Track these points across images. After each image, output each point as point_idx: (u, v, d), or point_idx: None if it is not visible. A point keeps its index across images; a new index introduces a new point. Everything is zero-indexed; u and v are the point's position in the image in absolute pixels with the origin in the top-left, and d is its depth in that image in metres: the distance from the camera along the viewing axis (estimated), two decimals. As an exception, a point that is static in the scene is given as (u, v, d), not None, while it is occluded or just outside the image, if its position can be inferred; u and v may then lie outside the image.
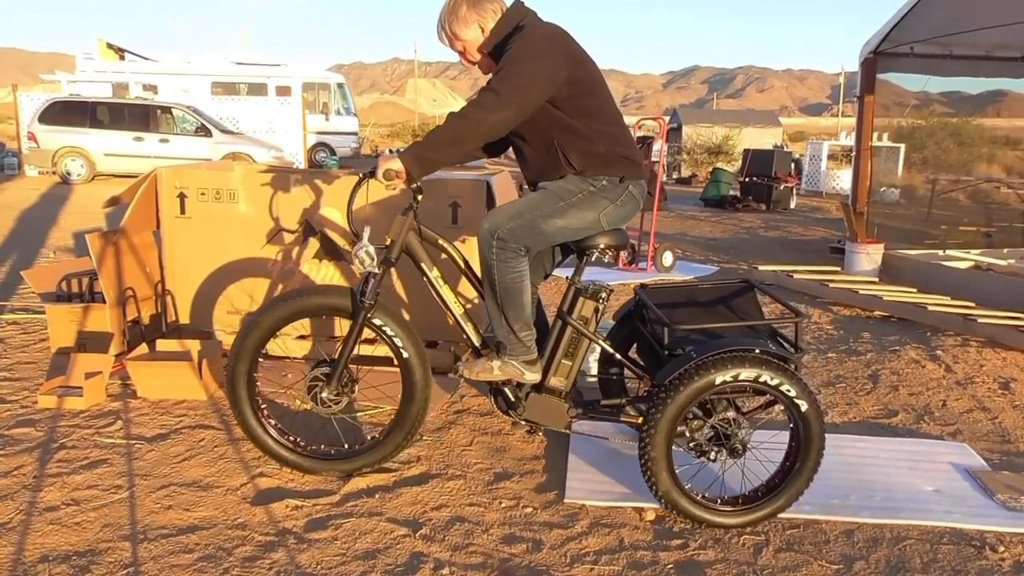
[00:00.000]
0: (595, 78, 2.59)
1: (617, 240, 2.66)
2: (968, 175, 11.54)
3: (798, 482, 2.51)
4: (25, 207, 10.48)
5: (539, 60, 2.41)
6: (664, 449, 2.45)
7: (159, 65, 20.51)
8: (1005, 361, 4.49)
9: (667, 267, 7.18)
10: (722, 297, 2.81)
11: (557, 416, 2.71)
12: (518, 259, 2.57)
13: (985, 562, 2.37)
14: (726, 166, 17.71)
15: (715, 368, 2.39)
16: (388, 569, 2.25)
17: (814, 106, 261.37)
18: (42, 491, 2.62)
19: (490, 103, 2.36)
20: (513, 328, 2.61)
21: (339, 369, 2.67)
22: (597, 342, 2.71)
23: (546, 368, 2.69)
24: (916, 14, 6.79)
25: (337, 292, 2.69)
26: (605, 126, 2.58)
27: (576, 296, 2.66)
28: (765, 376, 2.40)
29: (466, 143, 2.44)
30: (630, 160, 2.62)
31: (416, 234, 2.69)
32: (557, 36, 2.52)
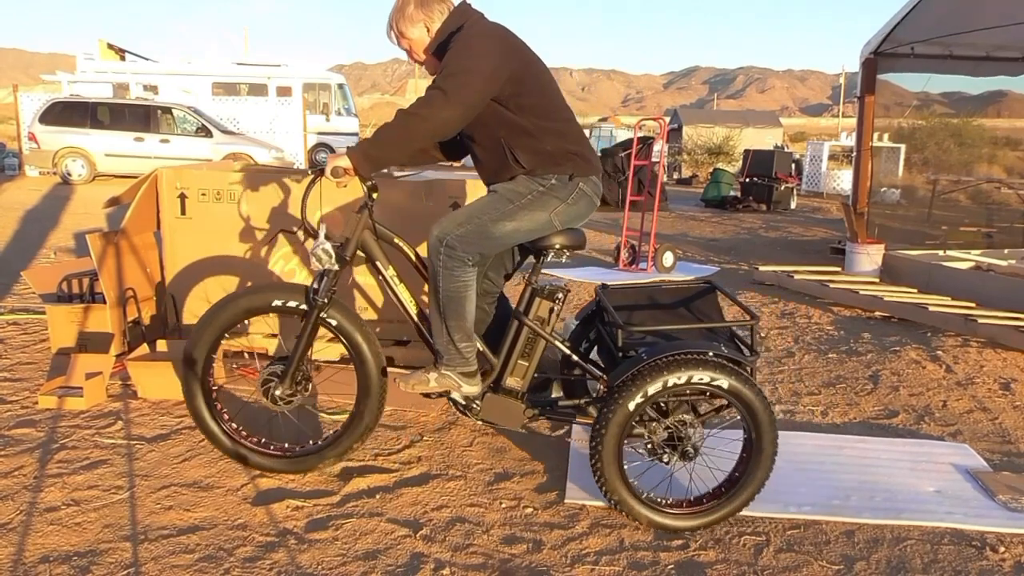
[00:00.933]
0: (540, 75, 2.56)
1: (573, 240, 2.64)
2: (969, 175, 11.54)
3: (751, 485, 2.49)
4: (26, 208, 10.48)
5: (482, 58, 2.39)
6: (614, 450, 2.44)
7: (160, 65, 20.52)
8: (1006, 362, 4.49)
9: (668, 268, 7.18)
10: (683, 299, 2.80)
11: (513, 416, 2.69)
12: (464, 268, 2.54)
13: (986, 563, 2.37)
14: (726, 167, 17.73)
15: (666, 370, 2.38)
16: (388, 569, 2.25)
17: (815, 106, 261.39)
18: (43, 491, 2.62)
19: (437, 101, 2.34)
20: (453, 338, 2.58)
21: (293, 367, 2.66)
22: (553, 342, 2.68)
23: (502, 368, 2.67)
24: (916, 14, 6.79)
25: (290, 290, 2.68)
26: (553, 123, 2.55)
27: (532, 296, 2.65)
28: (717, 379, 2.39)
29: (414, 141, 2.43)
30: (580, 156, 2.58)
31: (371, 232, 2.67)
32: (498, 34, 2.51)
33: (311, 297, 2.62)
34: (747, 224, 11.57)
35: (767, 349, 4.69)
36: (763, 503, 2.67)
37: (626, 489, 2.48)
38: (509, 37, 2.53)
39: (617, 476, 2.46)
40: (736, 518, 2.59)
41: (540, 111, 2.53)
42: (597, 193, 2.65)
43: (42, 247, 7.52)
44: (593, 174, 2.63)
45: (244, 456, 2.77)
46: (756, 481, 2.49)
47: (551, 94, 2.58)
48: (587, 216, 2.66)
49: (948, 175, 11.27)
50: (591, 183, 2.62)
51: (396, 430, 3.23)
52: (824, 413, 3.65)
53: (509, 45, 2.49)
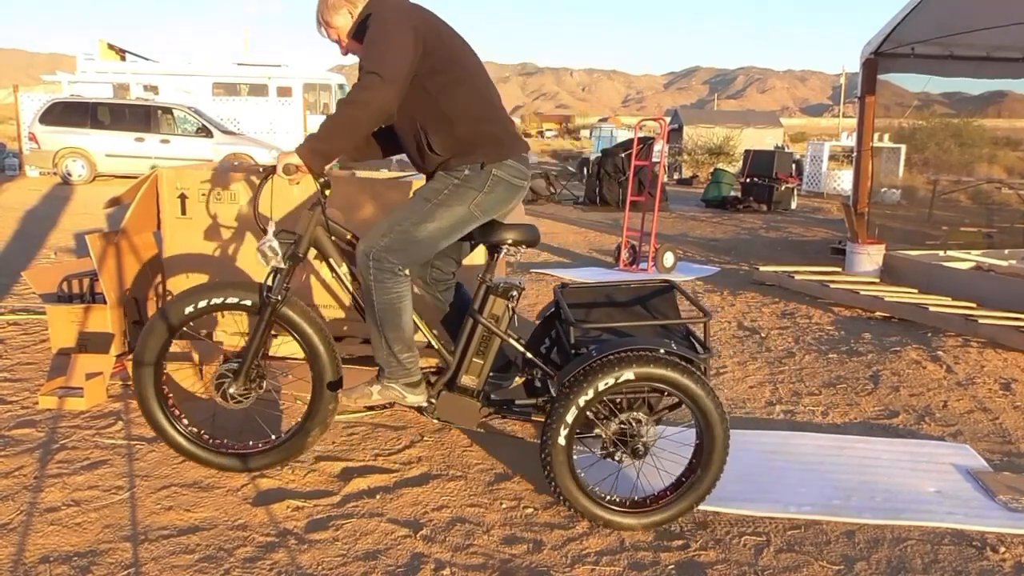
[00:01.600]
0: (456, 51, 2.53)
1: (525, 236, 2.63)
2: (969, 176, 11.54)
3: (703, 483, 2.48)
4: (26, 208, 10.49)
5: (398, 32, 2.39)
6: (564, 448, 2.43)
7: (160, 66, 20.53)
8: (1006, 362, 4.49)
9: (668, 268, 7.18)
10: (640, 297, 2.80)
11: (469, 415, 2.68)
12: (395, 279, 2.52)
13: (986, 563, 2.37)
14: (727, 167, 17.72)
15: (615, 367, 2.38)
16: (389, 570, 2.25)
17: (815, 107, 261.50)
18: (43, 492, 2.62)
19: (372, 83, 2.32)
20: (393, 350, 2.56)
21: (247, 365, 2.65)
22: (508, 340, 2.67)
23: (457, 367, 2.66)
24: (917, 15, 6.78)
25: (243, 287, 2.67)
26: (467, 105, 2.52)
27: (487, 294, 2.63)
28: (666, 376, 2.39)
29: (359, 128, 2.42)
30: (493, 141, 2.54)
31: (324, 229, 2.67)
32: (407, 7, 2.50)
33: (264, 295, 2.61)
34: (747, 224, 11.57)
35: (767, 349, 4.69)
36: (764, 503, 2.68)
37: (576, 487, 2.47)
38: (420, 10, 2.52)
39: (567, 473, 2.45)
40: (736, 518, 2.59)
41: (454, 90, 2.50)
42: (516, 175, 2.59)
43: (42, 247, 7.52)
44: (508, 157, 2.57)
45: (199, 456, 2.76)
46: (708, 479, 2.48)
47: (468, 72, 2.54)
48: (511, 201, 2.63)
49: (948, 175, 11.27)
50: (506, 167, 2.56)
51: (396, 430, 3.23)
52: (824, 413, 3.65)
53: (420, 18, 2.48)
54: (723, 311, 5.71)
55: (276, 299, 2.61)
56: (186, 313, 2.65)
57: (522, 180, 2.63)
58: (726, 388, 3.97)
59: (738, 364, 4.39)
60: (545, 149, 36.15)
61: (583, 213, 12.50)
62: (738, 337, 4.97)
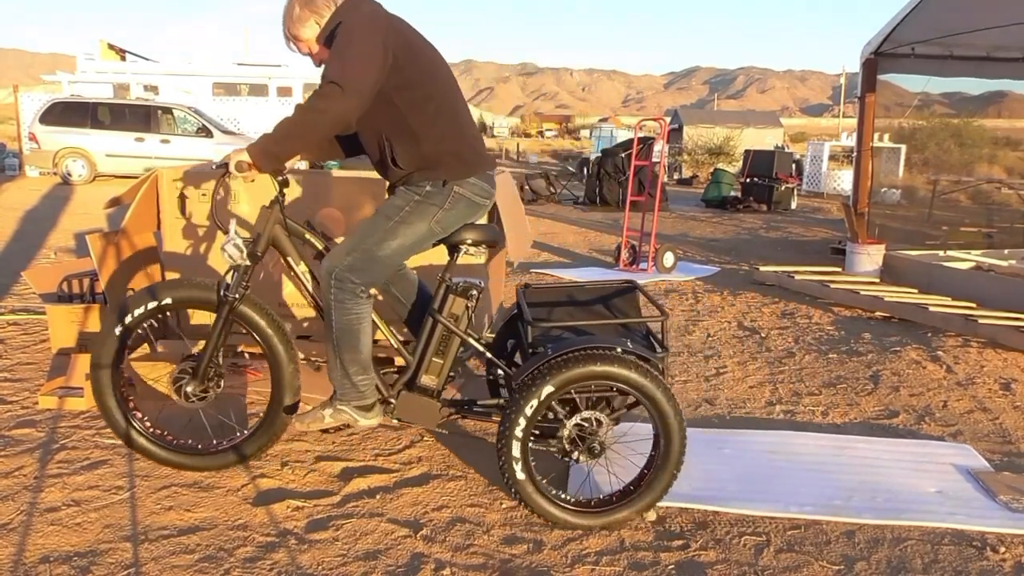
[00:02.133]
0: (427, 66, 2.49)
1: (484, 235, 2.62)
2: (969, 176, 11.54)
3: (660, 482, 2.47)
4: (26, 208, 10.49)
5: (365, 44, 2.34)
6: (520, 447, 2.43)
7: (160, 66, 20.53)
8: (1006, 362, 4.49)
9: (668, 268, 7.18)
10: (602, 297, 2.79)
11: (428, 415, 2.67)
12: (356, 300, 2.51)
13: (986, 563, 2.37)
14: (727, 167, 17.72)
15: (569, 366, 2.37)
16: (389, 570, 2.25)
17: (815, 107, 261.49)
18: (43, 492, 2.62)
19: (333, 93, 2.28)
20: (348, 371, 2.55)
21: (204, 363, 2.65)
22: (467, 340, 2.66)
23: (417, 366, 2.65)
24: (917, 15, 6.78)
25: (200, 286, 2.67)
26: (434, 122, 2.49)
27: (446, 294, 2.63)
28: (620, 374, 2.38)
29: (313, 135, 2.39)
30: (457, 159, 2.53)
31: (282, 227, 2.66)
32: (379, 16, 2.45)
33: (222, 293, 2.61)
34: (747, 224, 11.57)
35: (767, 349, 4.69)
36: (764, 503, 2.68)
37: (532, 485, 2.46)
38: (392, 20, 2.47)
39: (523, 472, 2.45)
40: (736, 518, 2.59)
41: (423, 107, 2.47)
42: (479, 193, 2.58)
43: (42, 247, 7.52)
44: (470, 175, 2.55)
45: (157, 454, 2.76)
46: (665, 478, 2.47)
47: (439, 86, 2.51)
48: (472, 217, 2.62)
49: (948, 175, 11.27)
50: (468, 185, 2.55)
51: (396, 430, 3.23)
52: (825, 413, 3.65)
53: (392, 32, 2.43)
54: (723, 311, 5.71)
55: (234, 297, 2.60)
56: (139, 313, 2.65)
57: (484, 198, 2.61)
58: (726, 388, 3.97)
59: (738, 364, 4.39)
60: (545, 149, 36.15)
61: (583, 213, 12.50)
62: (738, 337, 4.97)
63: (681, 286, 6.64)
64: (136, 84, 19.47)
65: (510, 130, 57.94)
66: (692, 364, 4.37)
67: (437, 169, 2.51)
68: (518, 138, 48.14)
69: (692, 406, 3.69)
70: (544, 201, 13.80)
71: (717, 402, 3.76)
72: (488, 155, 2.66)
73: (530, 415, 2.41)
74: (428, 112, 2.48)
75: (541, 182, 14.07)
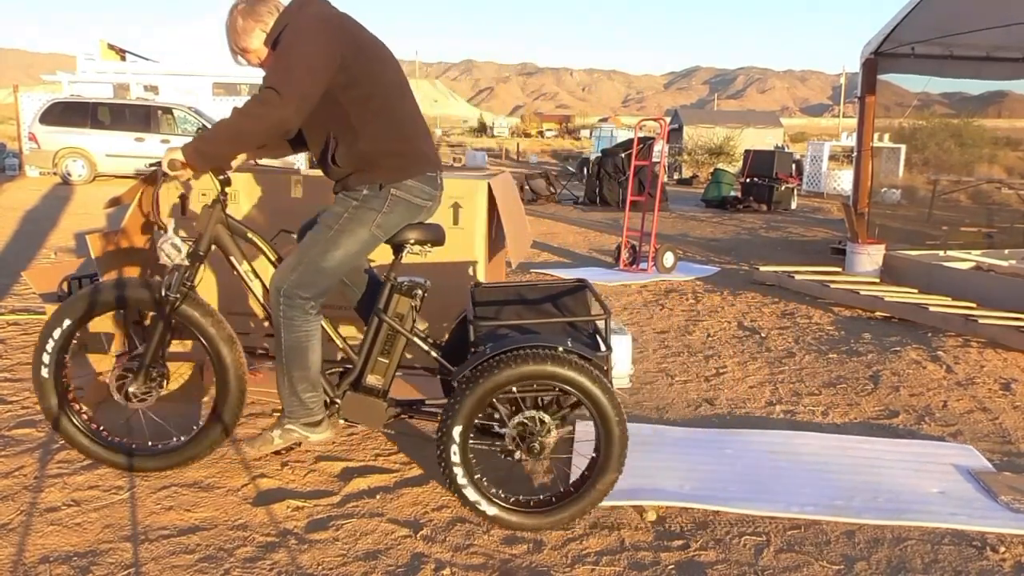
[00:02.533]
0: (373, 64, 2.46)
1: (427, 234, 2.61)
2: (969, 176, 11.55)
3: (601, 482, 2.45)
4: (26, 208, 10.49)
5: (311, 46, 2.31)
6: (459, 445, 2.41)
7: (160, 66, 20.52)
8: (1006, 362, 4.49)
9: (668, 268, 7.18)
10: (551, 296, 2.78)
11: (375, 415, 2.66)
12: (305, 317, 2.50)
13: (986, 563, 2.37)
14: (727, 167, 17.72)
15: (505, 365, 2.35)
16: (389, 570, 2.25)
17: (815, 107, 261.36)
18: (43, 492, 2.62)
19: (271, 100, 2.26)
20: (297, 389, 2.54)
21: (146, 363, 2.63)
22: (412, 339, 2.64)
23: (363, 366, 2.64)
24: (917, 15, 6.79)
25: (140, 285, 2.65)
26: (375, 119, 2.46)
27: (391, 293, 2.62)
28: (559, 373, 2.35)
29: (250, 139, 2.38)
30: (396, 159, 2.50)
31: (225, 227, 2.64)
32: (328, 17, 2.42)
33: (163, 293, 2.59)
34: (748, 224, 11.57)
35: (767, 349, 4.69)
36: (765, 503, 2.67)
37: (472, 485, 2.44)
38: (342, 22, 2.44)
39: (462, 471, 2.43)
40: (736, 518, 2.59)
41: (365, 105, 2.44)
42: (418, 194, 2.56)
43: (42, 247, 7.52)
44: (410, 177, 2.53)
45: (99, 454, 2.74)
46: (606, 478, 2.44)
47: (385, 86, 2.48)
48: (413, 219, 2.59)
49: (948, 175, 11.28)
50: (406, 187, 2.52)
51: (397, 430, 3.22)
52: (825, 413, 3.64)
53: (340, 31, 2.41)
54: (723, 311, 5.71)
55: (175, 297, 2.58)
56: (80, 314, 2.64)
57: (425, 200, 2.59)
58: (726, 388, 3.97)
59: (738, 364, 4.39)
60: (545, 149, 36.15)
61: (583, 213, 12.50)
62: (738, 337, 4.97)
63: (681, 286, 6.64)
64: (136, 84, 19.46)
65: (510, 130, 57.95)
66: (692, 364, 4.37)
67: (374, 171, 2.49)
68: (518, 138, 48.16)
69: (692, 406, 3.69)
70: (544, 201, 13.80)
71: (717, 402, 3.76)
72: (431, 156, 2.63)
73: (468, 414, 2.39)
74: (370, 110, 2.45)
75: (541, 182, 14.07)
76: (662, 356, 4.51)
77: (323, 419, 2.62)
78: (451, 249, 3.66)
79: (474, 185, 3.67)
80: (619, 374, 3.87)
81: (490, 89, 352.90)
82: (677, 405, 3.70)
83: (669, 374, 4.17)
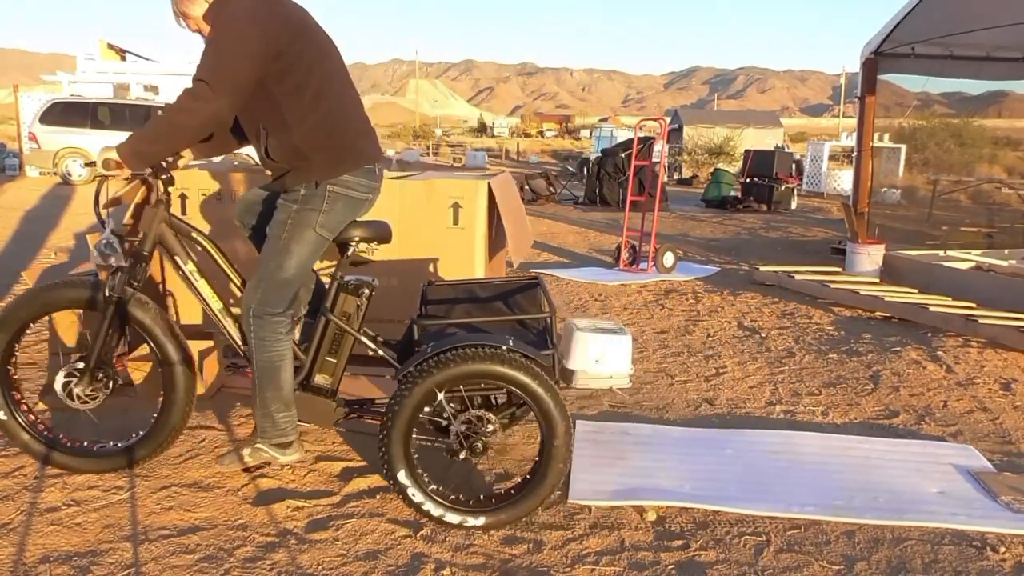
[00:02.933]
0: (310, 52, 2.39)
1: (373, 232, 2.60)
2: (969, 176, 11.56)
3: (544, 483, 2.43)
4: (26, 208, 10.49)
5: (242, 34, 2.24)
6: (401, 443, 2.39)
7: (160, 66, 20.54)
8: (1006, 362, 4.49)
9: (668, 268, 7.18)
10: (503, 294, 2.77)
11: (324, 415, 2.65)
12: (276, 336, 2.49)
13: (986, 563, 2.37)
14: (727, 167, 17.73)
15: (447, 364, 2.34)
16: (389, 570, 2.25)
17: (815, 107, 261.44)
18: (43, 492, 2.62)
19: (203, 94, 2.22)
20: (270, 409, 2.53)
21: (91, 364, 2.61)
22: (360, 338, 2.63)
23: (311, 366, 2.63)
24: (917, 15, 6.79)
25: (83, 286, 2.64)
26: (310, 111, 2.40)
27: (338, 292, 2.60)
28: (500, 372, 2.33)
29: (184, 135, 2.34)
30: (331, 153, 2.45)
31: (169, 226, 2.63)
32: (262, 6, 2.34)
33: (106, 294, 2.57)
34: (748, 224, 11.57)
35: (767, 349, 4.69)
36: (765, 503, 2.67)
37: (415, 484, 2.42)
38: (277, 8, 2.36)
39: (404, 470, 2.41)
40: (736, 518, 2.59)
41: (299, 96, 2.38)
42: (356, 188, 2.51)
43: (42, 247, 7.52)
44: (346, 172, 2.47)
45: (43, 454, 2.73)
46: (550, 479, 2.42)
47: (318, 77, 2.41)
48: (357, 213, 2.56)
49: (948, 175, 11.29)
50: (342, 182, 2.47)
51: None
52: (825, 413, 3.64)
53: (274, 17, 2.33)
54: (723, 311, 5.71)
55: (117, 297, 2.57)
56: (22, 316, 2.63)
57: (365, 192, 2.54)
58: (726, 388, 3.97)
59: (738, 364, 4.39)
60: (545, 149, 36.14)
61: (583, 213, 12.50)
62: (738, 337, 4.97)
63: (681, 286, 6.64)
64: (136, 84, 19.47)
65: (510, 130, 57.99)
66: (692, 364, 4.37)
67: (308, 168, 2.45)
68: (518, 138, 48.17)
69: (692, 406, 3.69)
70: (544, 201, 13.81)
71: (717, 402, 3.76)
72: (369, 148, 2.57)
73: (408, 412, 2.38)
74: (303, 102, 2.39)
75: (541, 182, 14.08)
76: (662, 356, 4.51)
77: (294, 440, 2.62)
78: (451, 249, 3.67)
79: (474, 185, 3.67)
80: (619, 374, 3.87)
81: (490, 89, 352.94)
82: (677, 405, 3.70)
83: (669, 374, 4.17)
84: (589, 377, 3.85)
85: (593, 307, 5.75)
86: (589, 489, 2.73)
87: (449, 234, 3.66)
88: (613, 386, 3.90)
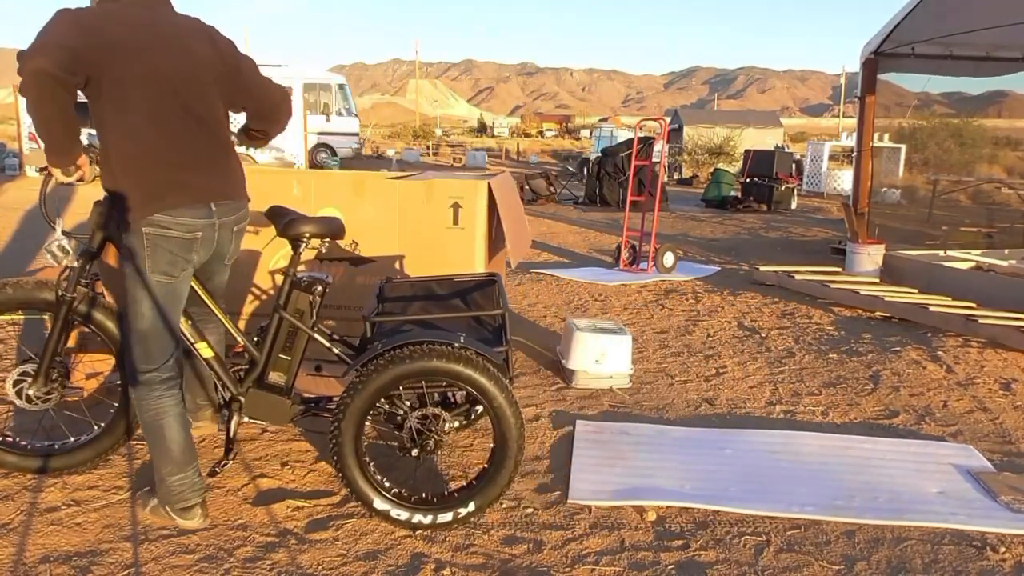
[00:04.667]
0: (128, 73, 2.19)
1: (322, 228, 2.59)
2: (969, 176, 11.55)
3: (496, 482, 2.42)
4: (26, 208, 10.48)
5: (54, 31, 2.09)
6: (352, 440, 2.38)
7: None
8: (1006, 362, 4.49)
9: (668, 268, 7.18)
10: (460, 291, 2.77)
11: (279, 413, 2.64)
12: (152, 394, 2.36)
13: (986, 563, 2.37)
14: (727, 167, 17.73)
15: (396, 362, 2.33)
16: (389, 570, 2.25)
17: (815, 107, 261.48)
18: (43, 492, 2.62)
19: (23, 61, 2.05)
20: (161, 472, 2.38)
21: (44, 365, 2.59)
22: (313, 335, 2.62)
23: (265, 364, 2.62)
24: (917, 14, 6.78)
25: (37, 286, 2.63)
26: (122, 142, 2.24)
27: (291, 289, 2.60)
28: (449, 368, 2.33)
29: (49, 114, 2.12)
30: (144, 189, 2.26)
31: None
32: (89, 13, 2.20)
33: (59, 294, 2.56)
34: (748, 224, 11.57)
35: (767, 349, 4.69)
36: (766, 503, 2.68)
37: (365, 480, 2.41)
38: (102, 18, 2.20)
39: (355, 467, 2.40)
40: (736, 518, 2.59)
41: (115, 122, 2.23)
42: (172, 227, 2.29)
43: (42, 247, 7.51)
44: (158, 212, 2.26)
45: None
46: (501, 478, 2.41)
47: (136, 101, 2.22)
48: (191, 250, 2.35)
49: (948, 175, 11.29)
50: (154, 223, 2.26)
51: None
52: (825, 413, 3.64)
53: (94, 25, 2.16)
54: (723, 311, 5.71)
55: (71, 297, 2.55)
56: None
57: (187, 232, 2.31)
58: (726, 388, 3.97)
59: (738, 364, 4.39)
60: (545, 149, 36.17)
61: (583, 213, 12.50)
62: (738, 337, 4.97)
63: (681, 286, 6.64)
64: (136, 84, 19.41)
65: (510, 130, 57.98)
66: (692, 364, 4.37)
67: (122, 208, 2.30)
68: (518, 138, 48.18)
69: (692, 406, 3.69)
70: (544, 201, 13.80)
71: (717, 402, 3.76)
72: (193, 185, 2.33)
73: (357, 410, 2.37)
74: (117, 129, 2.24)
75: (541, 182, 14.07)
76: (662, 356, 4.51)
77: (195, 505, 2.41)
78: (451, 249, 3.67)
79: (474, 185, 3.67)
80: (619, 374, 3.88)
81: (490, 89, 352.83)
82: (677, 405, 3.70)
83: (669, 374, 4.17)
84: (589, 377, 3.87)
85: (593, 307, 5.75)
86: (589, 489, 2.73)
87: (449, 234, 3.66)
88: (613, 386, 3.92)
